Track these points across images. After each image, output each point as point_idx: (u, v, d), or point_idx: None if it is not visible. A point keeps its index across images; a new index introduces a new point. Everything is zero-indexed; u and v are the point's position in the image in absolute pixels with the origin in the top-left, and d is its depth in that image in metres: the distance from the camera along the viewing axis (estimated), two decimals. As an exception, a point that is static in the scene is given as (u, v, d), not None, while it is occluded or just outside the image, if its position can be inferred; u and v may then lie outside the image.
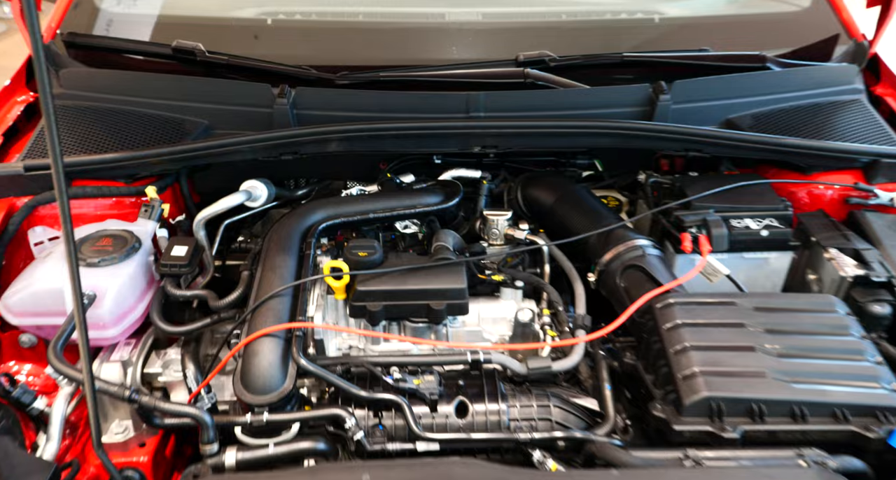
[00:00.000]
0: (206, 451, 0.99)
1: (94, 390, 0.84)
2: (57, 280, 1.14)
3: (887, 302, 1.17)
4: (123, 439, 1.18)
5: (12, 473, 0.88)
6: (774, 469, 0.90)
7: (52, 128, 0.74)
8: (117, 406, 1.18)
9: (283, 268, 1.18)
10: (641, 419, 1.09)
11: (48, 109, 0.73)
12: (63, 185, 0.76)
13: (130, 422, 1.19)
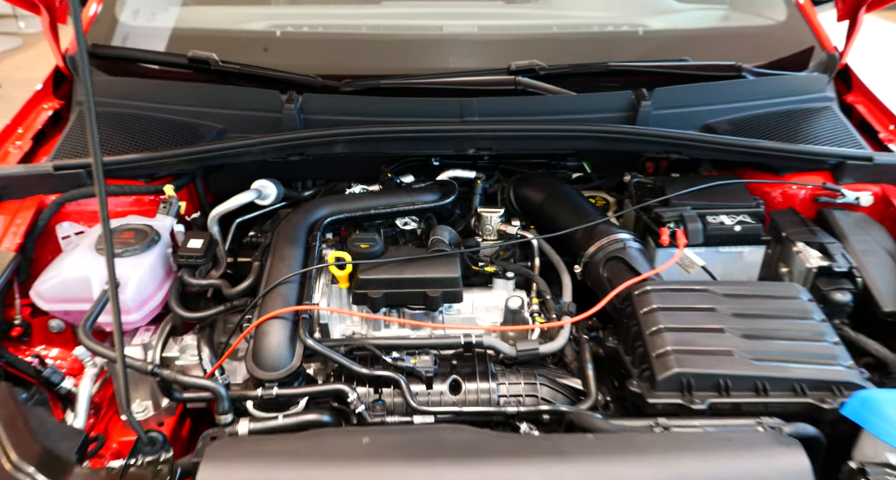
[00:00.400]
0: (221, 421, 1.08)
1: (125, 359, 0.93)
2: (84, 269, 1.24)
3: (848, 290, 1.26)
4: (143, 417, 1.27)
5: (47, 438, 0.97)
6: (734, 434, 0.99)
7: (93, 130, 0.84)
8: (138, 387, 1.27)
9: (291, 259, 1.29)
10: (621, 398, 1.18)
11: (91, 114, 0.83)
12: (101, 180, 0.86)
13: (150, 403, 1.28)
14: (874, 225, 1.41)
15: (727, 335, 1.12)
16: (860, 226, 1.40)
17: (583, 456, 0.93)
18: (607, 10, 1.90)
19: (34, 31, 6.73)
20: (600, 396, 1.17)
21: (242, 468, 0.90)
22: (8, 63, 5.83)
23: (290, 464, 0.91)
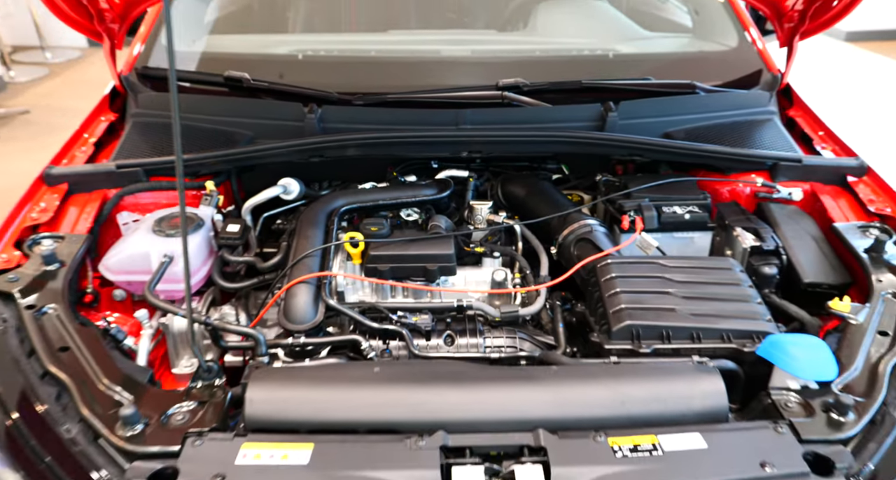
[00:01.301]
0: (259, 363, 1.33)
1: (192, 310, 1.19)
2: (144, 246, 1.50)
3: (775, 265, 1.52)
4: (190, 371, 1.53)
5: (126, 369, 1.23)
6: (668, 365, 1.24)
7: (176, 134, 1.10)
8: (186, 345, 1.53)
9: (313, 238, 1.55)
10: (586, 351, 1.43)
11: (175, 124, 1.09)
12: (181, 174, 1.11)
13: (196, 360, 1.53)
14: (803, 215, 1.68)
15: (671, 297, 1.37)
16: (791, 217, 1.67)
17: (549, 379, 1.18)
18: (583, 36, 2.19)
19: (60, 60, 7.06)
20: (568, 349, 1.43)
21: (280, 386, 1.15)
22: (35, 91, 6.14)
23: (317, 384, 1.16)
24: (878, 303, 1.33)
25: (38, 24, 6.97)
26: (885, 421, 1.11)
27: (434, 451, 1.03)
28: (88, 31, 1.80)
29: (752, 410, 1.20)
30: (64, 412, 1.11)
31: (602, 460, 1.02)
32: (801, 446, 1.05)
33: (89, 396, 1.13)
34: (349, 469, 1.01)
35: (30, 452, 1.05)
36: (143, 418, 1.09)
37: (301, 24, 2.36)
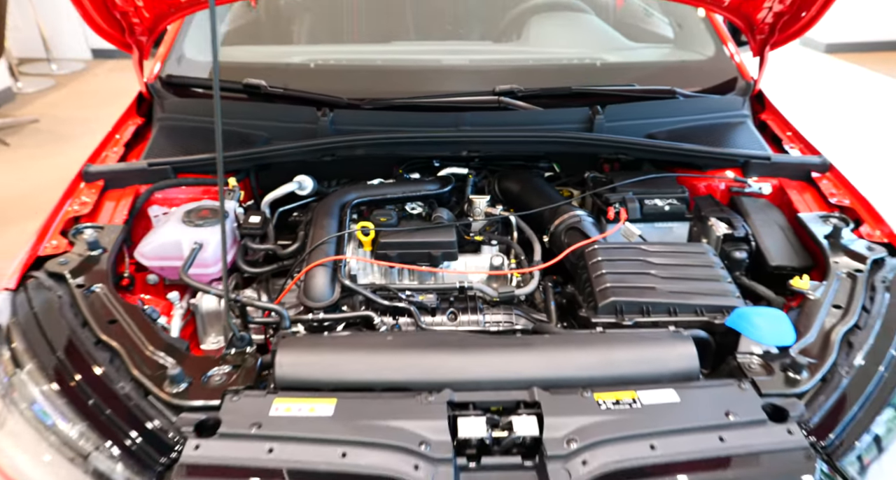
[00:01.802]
0: (285, 333, 1.48)
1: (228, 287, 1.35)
2: (175, 235, 1.65)
3: (745, 250, 1.68)
4: (216, 348, 1.69)
5: (166, 340, 1.38)
6: (647, 333, 1.41)
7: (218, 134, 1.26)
8: (213, 324, 1.68)
9: (329, 227, 1.70)
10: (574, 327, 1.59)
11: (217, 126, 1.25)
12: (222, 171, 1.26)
13: (222, 337, 1.69)
14: (772, 207, 1.84)
15: (651, 277, 1.53)
16: (760, 209, 1.83)
17: (542, 345, 1.34)
18: (572, 47, 2.37)
19: (65, 72, 7.23)
20: (559, 324, 1.59)
21: (305, 351, 1.31)
22: (43, 101, 6.30)
23: (337, 349, 1.32)
24: (834, 282, 1.50)
25: (44, 37, 7.15)
26: (834, 379, 1.28)
27: (442, 405, 1.19)
28: (120, 43, 1.96)
29: (720, 372, 1.37)
30: (117, 373, 1.26)
31: (588, 412, 1.18)
32: (761, 399, 1.22)
33: (138, 360, 1.28)
34: (368, 419, 1.17)
35: (93, 406, 1.20)
36: (187, 377, 1.24)
37: (306, 36, 2.53)
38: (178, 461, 1.11)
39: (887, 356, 1.32)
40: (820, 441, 1.18)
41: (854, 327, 1.38)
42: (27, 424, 1.21)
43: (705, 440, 1.15)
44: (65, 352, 1.29)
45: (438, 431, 1.14)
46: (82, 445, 1.16)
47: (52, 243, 1.56)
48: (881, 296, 1.44)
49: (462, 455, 1.15)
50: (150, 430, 1.17)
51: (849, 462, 1.17)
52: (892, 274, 1.51)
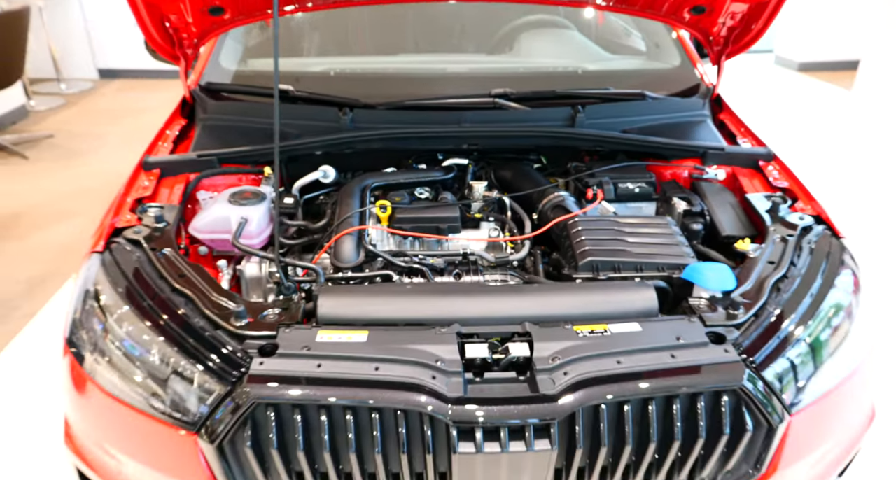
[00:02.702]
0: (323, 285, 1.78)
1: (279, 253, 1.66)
2: (224, 212, 1.95)
3: (701, 223, 2.01)
4: (257, 308, 1.98)
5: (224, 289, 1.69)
6: (617, 283, 1.72)
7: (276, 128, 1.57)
8: (255, 287, 1.98)
9: (352, 206, 2.01)
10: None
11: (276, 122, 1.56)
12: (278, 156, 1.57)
13: (262, 299, 1.99)
14: (725, 190, 2.16)
15: (622, 242, 1.85)
16: (716, 191, 2.15)
17: (533, 291, 1.66)
18: (558, 58, 2.72)
19: (74, 91, 7.56)
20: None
21: (341, 295, 1.61)
22: (56, 118, 6.62)
23: (367, 294, 1.63)
24: (770, 244, 1.82)
25: (55, 58, 7.49)
26: (764, 314, 1.59)
27: (452, 335, 1.49)
28: (170, 55, 2.29)
29: (675, 312, 1.69)
30: (192, 313, 1.57)
31: (568, 338, 1.49)
32: (705, 328, 1.53)
33: (207, 303, 1.59)
34: (395, 344, 1.47)
35: (176, 337, 1.50)
36: (247, 315, 1.55)
37: (322, 50, 2.88)
38: (246, 373, 1.41)
39: (806, 298, 1.64)
40: (749, 358, 1.48)
41: (783, 277, 1.70)
42: (122, 358, 1.51)
43: (660, 357, 1.45)
44: (149, 298, 1.59)
45: (450, 353, 1.43)
46: (168, 368, 1.47)
47: (125, 217, 1.87)
48: (805, 254, 1.77)
49: (469, 372, 1.45)
50: (223, 353, 1.47)
51: (769, 372, 1.49)
52: (816, 238, 1.84)
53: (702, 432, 1.42)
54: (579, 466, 1.44)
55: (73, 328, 1.62)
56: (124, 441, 1.52)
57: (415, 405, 1.35)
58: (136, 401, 1.48)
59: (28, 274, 3.74)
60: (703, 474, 1.48)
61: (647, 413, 1.41)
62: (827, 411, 1.56)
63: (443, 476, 1.43)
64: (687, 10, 2.25)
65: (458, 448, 1.35)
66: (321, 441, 1.38)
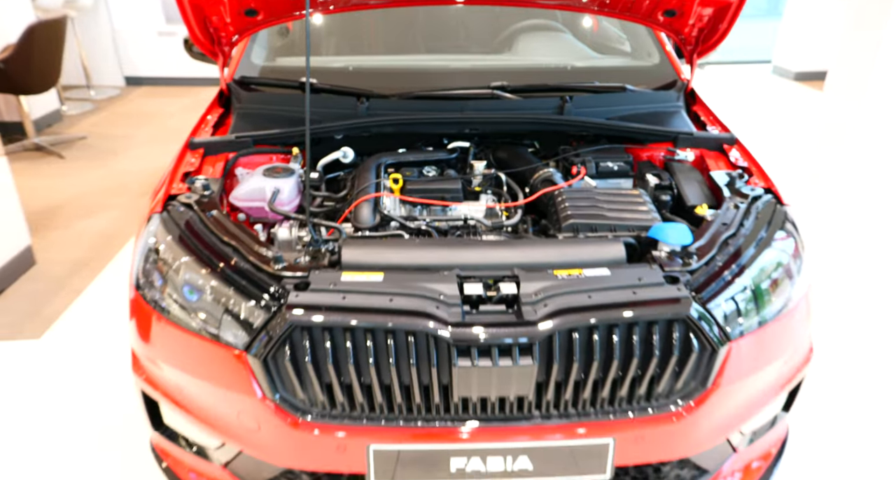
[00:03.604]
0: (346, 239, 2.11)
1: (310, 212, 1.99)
2: (260, 184, 2.28)
3: (669, 195, 2.32)
4: (287, 266, 2.32)
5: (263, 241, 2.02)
6: (592, 238, 2.04)
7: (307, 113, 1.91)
8: (285, 248, 2.30)
9: (369, 179, 2.34)
10: None
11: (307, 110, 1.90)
12: (309, 143, 1.90)
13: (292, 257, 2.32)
14: (693, 169, 2.47)
15: (599, 208, 2.17)
16: (685, 170, 2.45)
17: (521, 244, 1.97)
18: (550, 56, 3.06)
19: (102, 97, 7.96)
20: None
21: (361, 246, 1.93)
22: (87, 122, 7.01)
23: (382, 245, 1.96)
24: (724, 209, 2.13)
25: (85, 66, 7.90)
26: (713, 263, 1.90)
27: (453, 277, 1.80)
28: (210, 51, 2.64)
29: (641, 262, 2.00)
30: (239, 260, 1.89)
31: (549, 280, 1.79)
32: (663, 273, 1.85)
33: (251, 252, 1.92)
34: (405, 282, 1.79)
35: (228, 277, 1.83)
36: (284, 260, 1.88)
37: (339, 50, 3.23)
38: (285, 304, 1.73)
39: (748, 251, 1.95)
40: (698, 295, 1.80)
41: (732, 235, 2.02)
42: (183, 295, 1.84)
43: (623, 293, 1.75)
44: (202, 248, 1.92)
45: (451, 290, 1.74)
46: (222, 302, 1.79)
47: (178, 186, 2.21)
48: (753, 218, 2.09)
49: (466, 305, 1.76)
50: (266, 289, 1.79)
51: (713, 306, 1.80)
52: (763, 205, 2.15)
53: (656, 352, 1.73)
54: (556, 380, 1.75)
55: (140, 274, 1.96)
56: (185, 363, 1.85)
57: (422, 328, 1.66)
58: (195, 329, 1.81)
59: (72, 257, 4.10)
60: (659, 389, 1.79)
61: (611, 337, 1.72)
62: (763, 341, 1.87)
63: (445, 387, 1.75)
64: (660, 13, 2.59)
65: (457, 363, 1.66)
66: (346, 358, 1.70)
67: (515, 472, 1.80)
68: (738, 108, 7.76)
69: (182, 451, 2.03)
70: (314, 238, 2.00)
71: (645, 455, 1.83)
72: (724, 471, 2.02)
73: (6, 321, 3.40)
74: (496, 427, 1.76)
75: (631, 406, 1.81)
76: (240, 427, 1.81)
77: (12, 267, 3.77)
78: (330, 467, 1.79)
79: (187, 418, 1.91)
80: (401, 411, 1.76)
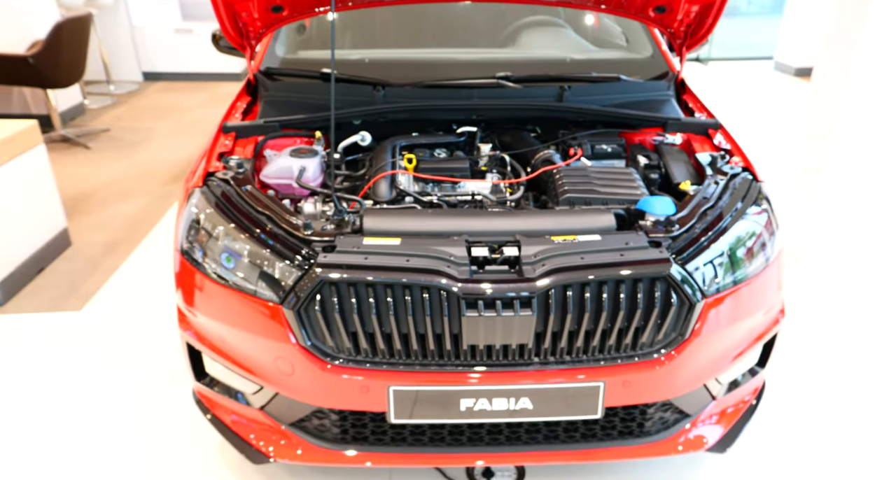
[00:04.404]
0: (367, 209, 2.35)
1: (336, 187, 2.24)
2: (287, 163, 2.53)
3: (657, 173, 2.57)
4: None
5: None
6: (585, 209, 2.29)
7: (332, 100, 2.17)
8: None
9: (386, 158, 2.60)
10: None
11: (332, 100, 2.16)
12: (333, 126, 2.15)
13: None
14: (681, 152, 2.71)
15: (593, 183, 2.42)
16: (673, 152, 2.71)
17: (523, 214, 2.22)
18: (550, 50, 3.31)
19: (121, 92, 8.23)
20: None
21: (381, 214, 2.18)
22: (109, 115, 7.28)
23: (399, 214, 2.20)
24: (706, 185, 2.38)
25: (105, 61, 8.18)
26: (692, 230, 2.14)
27: (462, 241, 2.04)
28: (239, 44, 2.90)
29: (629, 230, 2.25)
30: (273, 226, 2.15)
31: (547, 244, 2.04)
32: (648, 237, 2.09)
33: (282, 220, 2.17)
34: (420, 245, 2.04)
35: (265, 241, 2.08)
36: (312, 227, 2.13)
37: (350, 43, 3.49)
38: (315, 263, 1.98)
39: (724, 220, 2.19)
40: (678, 257, 2.05)
41: (711, 207, 2.26)
42: (225, 257, 2.10)
43: (612, 255, 1.99)
44: (241, 217, 2.18)
45: (461, 252, 1.98)
46: (260, 262, 2.05)
47: (214, 164, 2.47)
48: (730, 193, 2.33)
49: (474, 265, 2.01)
50: (297, 250, 2.05)
51: (692, 267, 2.04)
52: (740, 181, 2.39)
53: (640, 306, 1.97)
54: (553, 331, 2.00)
55: (185, 240, 2.22)
56: (228, 317, 2.10)
57: (435, 283, 1.91)
58: (237, 287, 2.06)
59: (104, 239, 4.38)
60: (643, 339, 2.03)
61: (601, 293, 1.96)
62: (736, 300, 2.11)
63: (455, 336, 2.00)
64: (651, 9, 2.83)
65: (465, 313, 1.91)
66: (368, 310, 1.95)
67: (517, 411, 2.05)
68: (738, 103, 7.99)
69: (223, 398, 2.29)
70: (338, 208, 2.25)
71: (632, 397, 2.08)
72: (702, 415, 2.26)
73: (48, 296, 3.68)
74: (500, 371, 2.01)
75: (619, 353, 2.05)
76: (276, 371, 2.07)
77: (51, 248, 4.05)
78: (355, 405, 2.05)
79: (229, 367, 2.17)
80: (417, 357, 2.01)
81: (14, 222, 3.70)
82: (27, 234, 3.84)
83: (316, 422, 2.16)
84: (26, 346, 3.16)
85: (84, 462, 2.60)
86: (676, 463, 2.60)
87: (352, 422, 2.15)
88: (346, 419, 2.14)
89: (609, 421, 2.18)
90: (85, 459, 2.62)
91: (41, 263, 3.86)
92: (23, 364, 3.10)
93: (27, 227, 3.84)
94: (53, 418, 2.82)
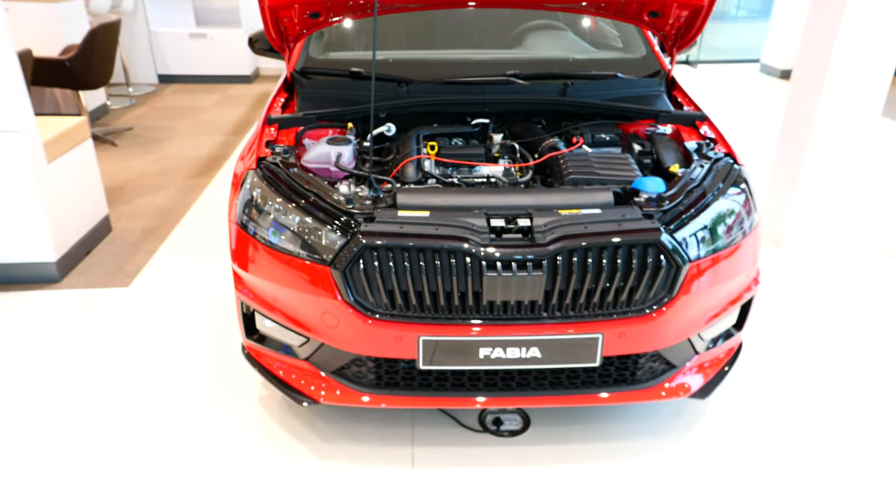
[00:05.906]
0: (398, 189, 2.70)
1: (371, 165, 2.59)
2: (325, 149, 2.87)
3: (650, 159, 2.93)
4: (346, 215, 2.93)
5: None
6: (589, 187, 2.64)
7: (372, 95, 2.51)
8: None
9: (411, 146, 2.94)
10: None
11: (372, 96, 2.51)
12: (373, 117, 2.52)
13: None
14: (671, 140, 3.07)
15: (593, 167, 2.77)
16: (664, 141, 3.07)
17: (534, 191, 2.57)
18: (555, 50, 3.68)
19: (139, 93, 8.57)
20: None
21: (412, 192, 2.53)
22: (130, 115, 7.63)
23: (427, 191, 2.55)
24: (692, 168, 2.73)
25: (125, 65, 8.52)
26: (679, 205, 2.49)
27: (482, 214, 2.37)
28: (279, 47, 3.25)
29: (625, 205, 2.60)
30: (319, 200, 2.49)
31: (555, 216, 2.39)
32: (641, 211, 2.44)
33: (327, 196, 2.52)
34: (447, 217, 2.38)
35: (314, 213, 2.43)
36: (353, 202, 2.48)
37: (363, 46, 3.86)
38: (357, 230, 2.33)
39: (707, 197, 2.54)
40: (667, 227, 2.39)
41: (696, 186, 2.61)
42: (279, 227, 2.44)
43: (611, 225, 2.33)
44: (292, 193, 2.52)
45: (481, 223, 2.31)
46: (310, 230, 2.39)
47: (263, 151, 2.82)
48: (713, 174, 2.68)
49: (492, 233, 2.36)
50: (343, 220, 2.39)
51: (679, 236, 2.38)
52: (722, 165, 2.74)
53: (634, 269, 2.32)
54: (560, 289, 2.34)
55: (242, 213, 2.56)
56: (281, 278, 2.45)
57: (461, 248, 2.26)
58: (289, 251, 2.41)
59: (141, 225, 4.73)
60: (636, 297, 2.38)
61: (601, 257, 2.30)
62: (717, 265, 2.46)
63: (476, 294, 2.34)
64: (646, 14, 3.19)
65: (486, 273, 2.26)
66: (403, 272, 2.29)
67: (528, 359, 2.39)
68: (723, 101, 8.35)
69: (271, 351, 2.64)
70: (375, 187, 2.61)
71: (626, 347, 2.43)
72: (686, 367, 2.62)
73: (98, 273, 4.03)
74: (514, 324, 2.35)
75: (615, 309, 2.39)
76: (323, 325, 2.41)
77: (96, 232, 4.41)
78: (390, 353, 2.39)
79: (281, 322, 2.51)
80: (443, 311, 2.36)
81: (68, 208, 4.08)
82: (77, 219, 4.21)
83: (354, 369, 2.51)
84: (85, 317, 3.50)
85: (142, 414, 2.94)
86: (662, 413, 2.95)
87: (385, 369, 2.49)
88: (380, 366, 2.48)
89: (606, 370, 2.53)
90: (142, 411, 2.96)
91: (89, 246, 4.20)
92: (82, 333, 3.45)
93: (78, 213, 4.23)
94: (116, 377, 3.17)
